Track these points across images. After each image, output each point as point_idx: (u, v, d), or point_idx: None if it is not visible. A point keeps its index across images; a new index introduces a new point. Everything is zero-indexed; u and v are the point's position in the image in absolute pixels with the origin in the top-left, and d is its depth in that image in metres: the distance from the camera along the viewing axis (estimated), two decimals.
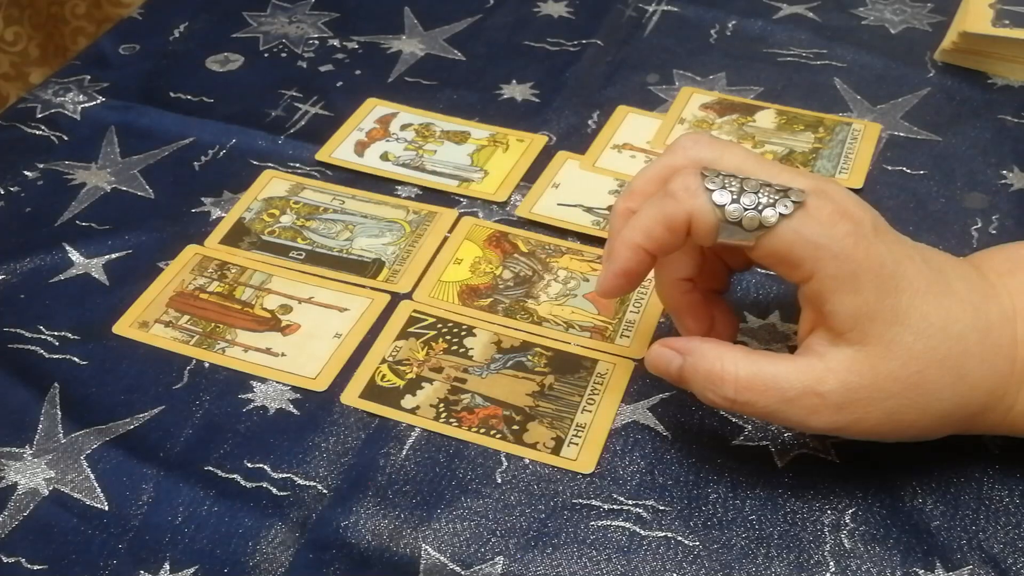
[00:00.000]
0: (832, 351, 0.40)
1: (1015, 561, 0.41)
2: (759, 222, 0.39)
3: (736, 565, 0.41)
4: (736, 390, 0.40)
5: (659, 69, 0.68)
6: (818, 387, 0.39)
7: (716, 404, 0.41)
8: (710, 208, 0.40)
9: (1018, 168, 0.59)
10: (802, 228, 0.39)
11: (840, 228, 0.39)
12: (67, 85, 0.67)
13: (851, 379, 0.39)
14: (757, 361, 0.40)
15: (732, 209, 0.39)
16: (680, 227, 0.41)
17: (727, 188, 0.40)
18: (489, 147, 0.62)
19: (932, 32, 0.70)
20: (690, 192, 0.40)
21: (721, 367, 0.40)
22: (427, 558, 0.42)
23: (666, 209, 0.41)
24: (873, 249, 0.39)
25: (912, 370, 0.39)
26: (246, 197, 0.59)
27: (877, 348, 0.39)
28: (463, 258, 0.54)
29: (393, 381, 0.48)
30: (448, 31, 0.72)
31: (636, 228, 0.42)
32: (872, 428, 0.40)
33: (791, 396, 0.40)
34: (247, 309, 0.52)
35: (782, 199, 0.39)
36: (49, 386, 0.48)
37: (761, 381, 0.40)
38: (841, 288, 0.39)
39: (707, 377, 0.41)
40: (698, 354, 0.41)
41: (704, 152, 0.43)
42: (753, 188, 0.39)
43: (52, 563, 0.42)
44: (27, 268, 0.55)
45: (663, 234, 0.41)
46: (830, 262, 0.39)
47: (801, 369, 0.40)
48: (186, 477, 0.44)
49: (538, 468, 0.45)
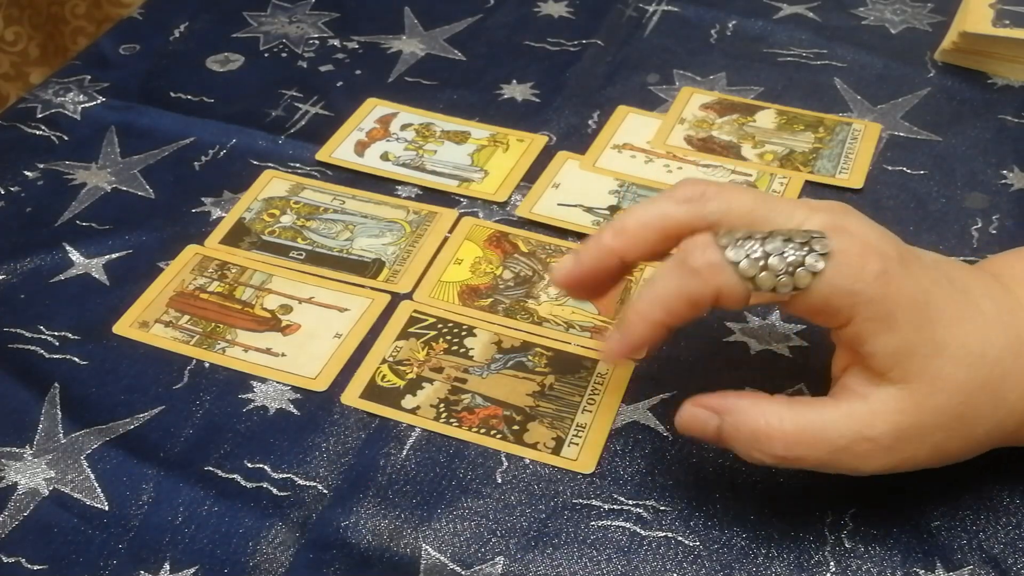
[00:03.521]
0: (875, 392, 0.38)
1: (1015, 561, 0.41)
2: (793, 285, 0.37)
3: (736, 565, 0.41)
4: (786, 446, 0.38)
5: (659, 69, 0.68)
6: (868, 432, 0.38)
7: (763, 463, 0.39)
8: (738, 282, 0.38)
9: (1018, 168, 0.59)
10: (835, 279, 0.37)
11: (870, 268, 0.37)
12: (67, 85, 0.67)
13: (899, 419, 0.38)
14: (802, 412, 0.39)
15: (763, 278, 0.37)
16: (706, 304, 0.39)
17: (750, 256, 0.38)
18: (489, 147, 0.62)
19: (932, 32, 0.70)
20: (714, 268, 0.38)
21: (767, 424, 0.38)
22: (427, 558, 0.42)
23: (690, 287, 0.39)
24: (905, 284, 0.38)
25: (957, 401, 0.38)
26: (246, 197, 0.59)
27: (921, 384, 0.38)
28: (463, 258, 0.54)
29: (393, 381, 0.48)
30: (448, 31, 0.72)
31: (656, 304, 0.40)
32: (921, 463, 0.39)
33: (842, 445, 0.38)
34: (247, 309, 0.52)
35: (809, 253, 0.37)
36: (49, 386, 0.48)
37: (811, 434, 0.38)
38: (879, 329, 0.37)
39: (752, 436, 0.39)
40: (739, 412, 0.39)
41: (711, 207, 0.40)
42: (777, 249, 0.37)
43: (52, 563, 0.42)
44: (27, 268, 0.55)
45: (686, 311, 0.39)
46: (866, 307, 0.37)
47: (848, 415, 0.38)
48: (186, 477, 0.44)
49: (538, 468, 0.45)
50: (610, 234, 0.42)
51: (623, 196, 0.58)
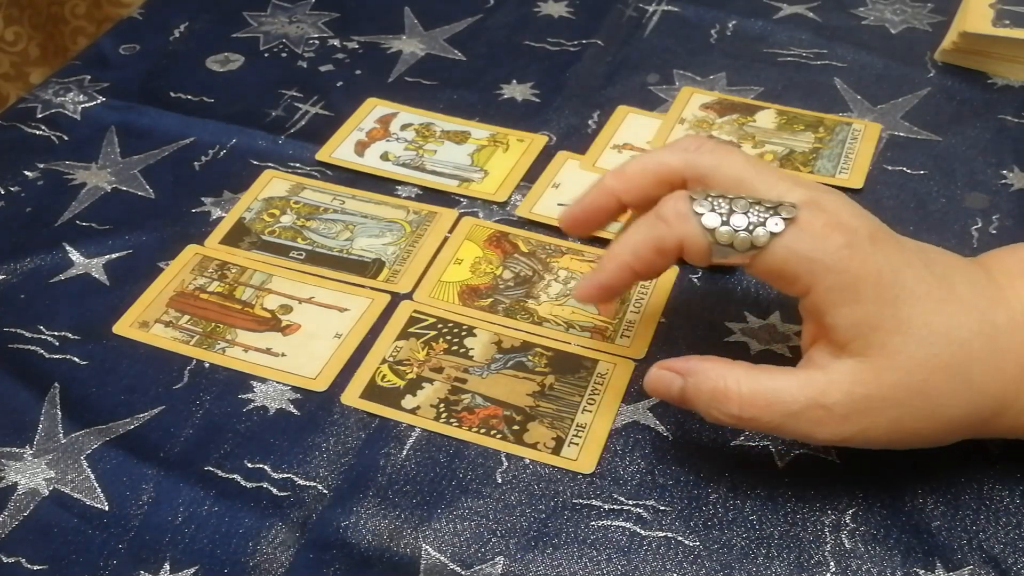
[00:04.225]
0: (835, 363, 0.39)
1: (1015, 561, 0.41)
2: (750, 243, 0.39)
3: (736, 565, 0.41)
4: (740, 407, 0.40)
5: (659, 69, 0.68)
6: (822, 399, 0.39)
7: (721, 421, 0.41)
8: (700, 232, 0.40)
9: (1018, 168, 0.59)
10: (794, 244, 0.39)
11: (833, 241, 0.39)
12: (67, 85, 0.67)
13: (855, 390, 0.39)
14: (759, 377, 0.40)
15: (723, 232, 0.40)
16: (670, 251, 0.41)
17: (716, 211, 0.40)
18: (489, 147, 0.62)
19: (932, 32, 0.70)
20: (680, 217, 0.40)
21: (724, 385, 0.40)
22: (427, 558, 0.42)
23: (657, 233, 0.41)
24: (870, 259, 0.39)
25: (916, 378, 0.39)
26: (246, 197, 0.59)
27: (880, 358, 0.39)
28: (463, 258, 0.54)
29: (393, 381, 0.48)
30: (448, 31, 0.72)
31: (626, 246, 0.42)
32: (879, 437, 0.40)
33: (795, 410, 0.39)
34: (247, 309, 0.52)
35: (772, 217, 0.39)
36: (49, 386, 0.48)
37: (764, 397, 0.40)
38: (840, 300, 0.39)
39: (711, 396, 0.41)
40: (700, 374, 0.41)
41: (704, 159, 0.43)
42: (743, 208, 0.40)
43: (52, 563, 0.42)
44: (27, 268, 0.55)
45: (652, 256, 0.42)
46: (826, 275, 0.39)
47: (804, 383, 0.40)
48: (186, 477, 0.44)
49: (538, 468, 0.45)
50: (611, 177, 0.45)
51: None
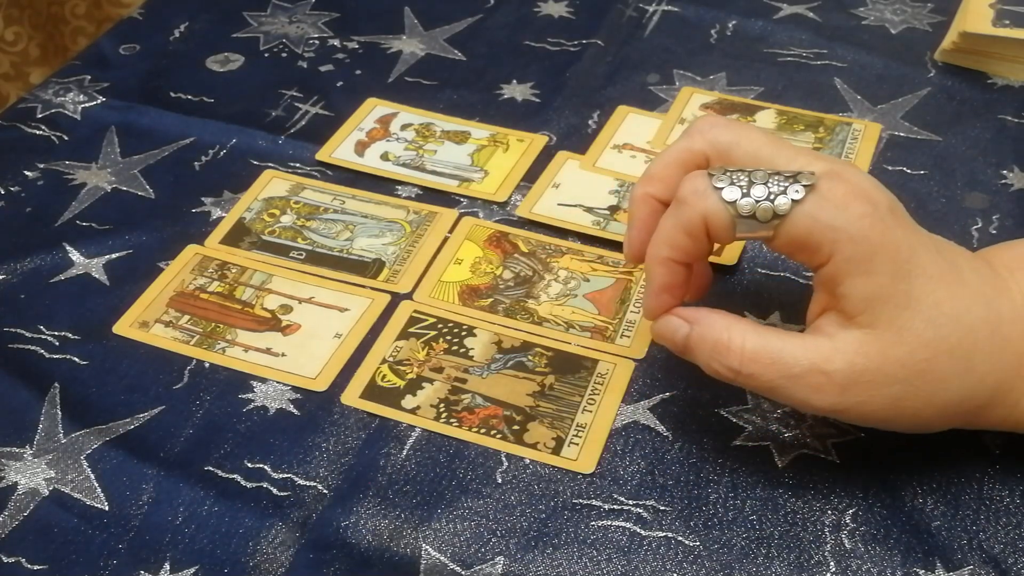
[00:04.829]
0: (842, 332, 0.39)
1: (1015, 561, 0.41)
2: (772, 212, 0.39)
3: (736, 565, 0.41)
4: (741, 362, 0.40)
5: (659, 69, 0.68)
6: (824, 366, 0.39)
7: (720, 375, 0.41)
8: (722, 207, 0.40)
9: (1018, 168, 0.59)
10: (817, 212, 0.39)
11: (855, 209, 0.38)
12: (67, 85, 0.67)
13: (858, 360, 0.39)
14: (765, 335, 0.40)
15: (744, 204, 0.39)
16: (699, 231, 0.41)
17: (736, 184, 0.40)
18: (489, 147, 0.62)
19: (932, 32, 0.70)
20: (700, 194, 0.40)
21: (728, 338, 0.40)
22: (427, 558, 0.42)
23: (682, 216, 0.41)
24: (889, 232, 0.39)
25: (920, 357, 0.39)
26: (246, 197, 0.59)
27: (887, 332, 0.39)
28: (463, 258, 0.54)
29: (393, 381, 0.48)
30: (448, 31, 0.72)
31: (660, 242, 0.42)
32: (875, 413, 0.40)
33: (796, 372, 0.39)
34: (247, 309, 0.52)
35: (792, 185, 0.39)
36: (49, 386, 0.48)
37: (767, 354, 0.40)
38: (856, 270, 0.39)
39: (713, 347, 0.41)
40: (706, 324, 0.41)
41: (722, 135, 0.43)
42: (762, 179, 0.39)
43: (52, 563, 0.42)
44: (27, 268, 0.55)
45: (686, 241, 0.41)
46: (847, 244, 0.38)
47: (809, 347, 0.40)
48: (186, 477, 0.44)
49: (538, 468, 0.45)
50: (641, 184, 0.45)
51: (623, 196, 0.58)
